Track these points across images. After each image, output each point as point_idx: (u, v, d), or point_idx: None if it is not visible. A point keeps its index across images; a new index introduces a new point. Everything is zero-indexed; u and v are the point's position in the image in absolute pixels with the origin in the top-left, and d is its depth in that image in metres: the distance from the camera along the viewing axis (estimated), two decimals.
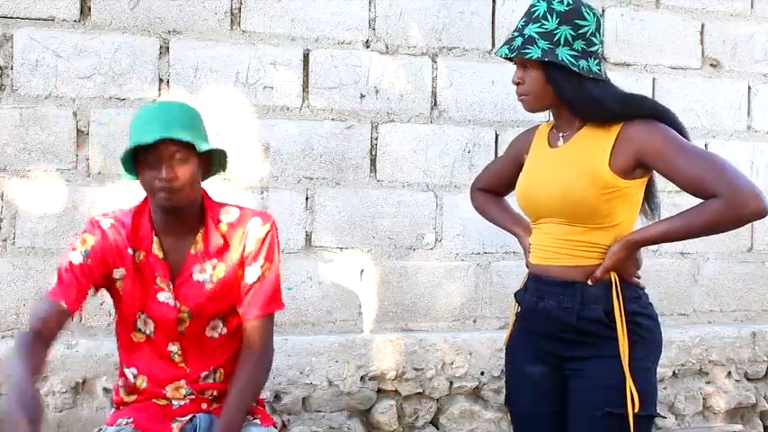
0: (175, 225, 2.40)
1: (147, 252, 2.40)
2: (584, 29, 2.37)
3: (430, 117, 3.94)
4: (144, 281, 2.40)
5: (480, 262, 3.99)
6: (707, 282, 4.34)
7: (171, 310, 2.40)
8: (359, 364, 3.74)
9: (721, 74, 4.37)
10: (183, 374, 2.47)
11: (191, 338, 2.45)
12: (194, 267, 2.41)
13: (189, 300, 2.41)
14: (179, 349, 2.45)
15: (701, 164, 2.23)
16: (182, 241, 2.42)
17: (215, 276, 2.42)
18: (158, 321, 2.42)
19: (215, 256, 2.42)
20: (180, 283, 2.41)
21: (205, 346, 2.48)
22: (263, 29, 3.73)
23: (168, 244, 2.41)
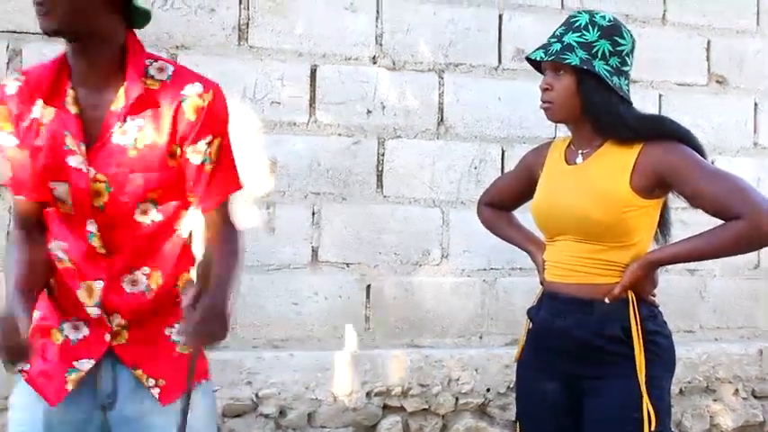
0: (91, 74, 1.93)
1: (60, 107, 1.92)
2: (622, 47, 2.36)
3: (436, 133, 3.91)
4: (54, 142, 1.92)
5: (486, 278, 3.96)
6: (714, 298, 4.29)
7: (82, 177, 1.91)
8: (364, 379, 3.70)
9: (727, 90, 4.34)
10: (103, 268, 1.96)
11: (113, 219, 1.95)
12: (113, 128, 1.92)
13: (105, 166, 1.91)
14: (97, 230, 1.94)
15: (723, 185, 2.21)
16: (102, 96, 1.94)
17: (140, 141, 1.92)
18: (74, 192, 1.92)
19: (139, 116, 1.93)
20: (97, 146, 1.92)
21: (134, 234, 1.97)
22: (270, 44, 3.71)
23: (85, 99, 1.93)
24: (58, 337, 1.98)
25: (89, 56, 1.92)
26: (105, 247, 1.96)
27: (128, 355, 1.98)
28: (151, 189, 1.96)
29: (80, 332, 1.98)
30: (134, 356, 1.99)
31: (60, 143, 1.91)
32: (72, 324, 1.99)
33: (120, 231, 1.96)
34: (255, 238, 3.65)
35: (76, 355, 1.96)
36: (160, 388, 2.00)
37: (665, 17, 4.24)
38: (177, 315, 2.01)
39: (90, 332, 1.98)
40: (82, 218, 1.94)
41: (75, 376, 1.95)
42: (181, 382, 1.97)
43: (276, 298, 3.70)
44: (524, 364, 2.55)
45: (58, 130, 1.91)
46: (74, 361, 1.95)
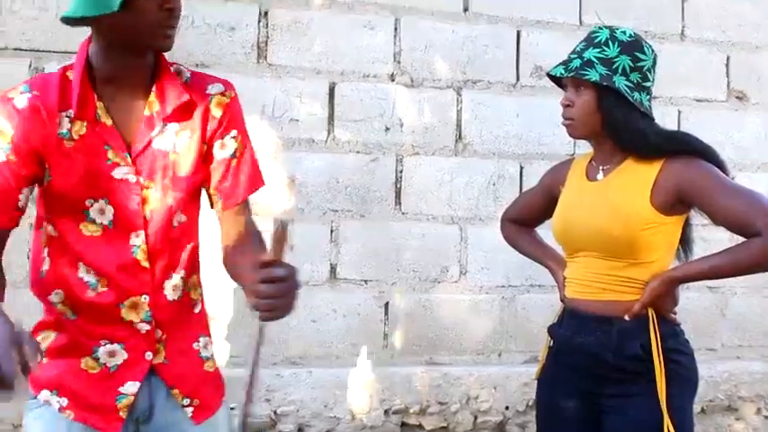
0: (126, 81, 1.89)
1: (92, 122, 1.85)
2: (643, 62, 2.35)
3: (455, 150, 3.91)
4: (92, 157, 1.85)
5: (505, 295, 3.94)
6: (735, 316, 4.25)
7: (131, 187, 1.87)
8: (383, 397, 3.69)
9: (747, 106, 4.32)
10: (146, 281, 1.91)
11: (156, 227, 1.91)
12: (152, 133, 1.89)
13: (152, 173, 1.89)
14: (143, 242, 1.90)
15: (743, 201, 2.19)
16: (132, 103, 1.90)
17: (178, 145, 1.91)
18: (119, 206, 1.88)
19: (175, 120, 1.91)
20: (138, 153, 1.88)
21: (168, 239, 1.94)
22: (289, 62, 3.72)
23: (115, 107, 1.88)
24: (93, 366, 1.91)
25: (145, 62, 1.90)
26: (149, 259, 1.92)
27: (167, 375, 1.96)
28: (190, 192, 1.96)
29: (118, 357, 1.92)
30: (172, 375, 1.97)
31: (102, 158, 1.86)
32: (106, 350, 1.92)
33: (160, 239, 1.93)
34: None
35: (120, 380, 1.91)
36: (194, 407, 1.99)
37: (684, 33, 4.23)
38: (200, 327, 2.06)
39: (129, 355, 1.92)
40: (126, 232, 1.90)
41: (125, 402, 1.90)
42: (211, 402, 2.02)
43: (294, 315, 3.68)
44: (545, 381, 2.53)
45: (95, 144, 1.86)
46: (119, 387, 1.90)
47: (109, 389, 1.90)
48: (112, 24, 1.79)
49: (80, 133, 1.85)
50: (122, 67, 1.88)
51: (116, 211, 1.88)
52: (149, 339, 1.93)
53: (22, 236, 2.06)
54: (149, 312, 1.92)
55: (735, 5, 4.30)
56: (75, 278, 1.91)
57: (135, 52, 1.86)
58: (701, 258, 2.29)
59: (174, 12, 1.81)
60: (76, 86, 1.85)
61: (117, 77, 1.88)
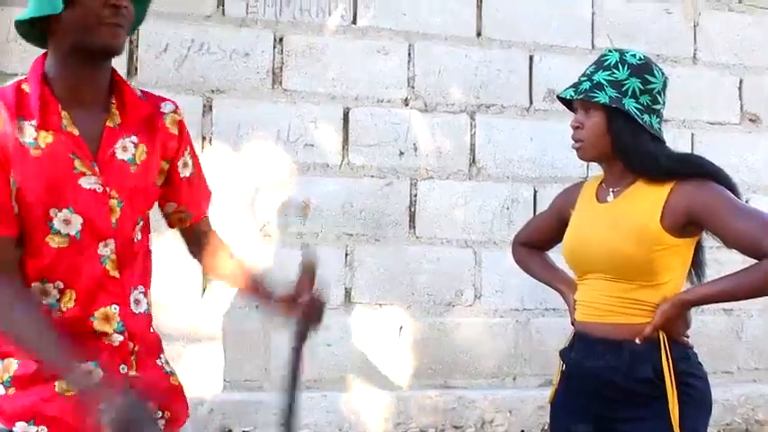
0: (88, 92, 1.88)
1: (58, 131, 1.82)
2: (652, 85, 2.34)
3: (468, 174, 3.92)
4: (58, 166, 1.81)
5: (519, 318, 3.93)
6: (751, 339, 4.22)
7: (100, 197, 1.85)
8: (398, 421, 3.67)
9: (761, 128, 4.30)
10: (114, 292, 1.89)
11: (122, 237, 1.90)
12: (116, 144, 1.89)
13: (116, 183, 1.87)
14: (112, 251, 1.87)
15: (756, 224, 2.17)
16: (92, 113, 1.89)
17: (138, 158, 1.91)
18: (87, 215, 1.84)
19: (135, 133, 1.92)
20: (103, 163, 1.86)
21: (131, 251, 1.93)
22: (303, 88, 3.74)
23: (78, 118, 1.86)
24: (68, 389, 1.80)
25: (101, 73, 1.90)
26: (118, 269, 1.90)
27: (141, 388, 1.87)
28: (147, 205, 1.98)
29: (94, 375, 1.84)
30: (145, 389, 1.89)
31: (68, 167, 1.83)
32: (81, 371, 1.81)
33: (126, 250, 1.92)
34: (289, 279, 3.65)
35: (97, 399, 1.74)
36: (165, 420, 1.97)
37: (696, 56, 4.23)
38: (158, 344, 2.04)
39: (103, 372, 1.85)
40: (94, 241, 1.86)
41: None
42: (180, 414, 2.02)
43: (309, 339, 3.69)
44: (558, 406, 2.52)
45: (62, 153, 1.83)
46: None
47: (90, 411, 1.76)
48: (61, 27, 1.80)
49: (47, 141, 1.82)
50: (79, 77, 1.86)
51: (84, 220, 1.84)
52: (123, 351, 1.90)
53: None
54: (122, 323, 1.89)
55: (746, 30, 4.30)
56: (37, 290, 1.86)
57: (87, 57, 1.83)
58: (713, 281, 2.27)
59: (120, 9, 1.78)
60: (36, 96, 1.82)
61: (75, 87, 1.87)
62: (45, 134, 1.82)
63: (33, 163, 1.80)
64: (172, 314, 3.47)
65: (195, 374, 3.52)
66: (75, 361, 1.73)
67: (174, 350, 3.46)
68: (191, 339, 3.53)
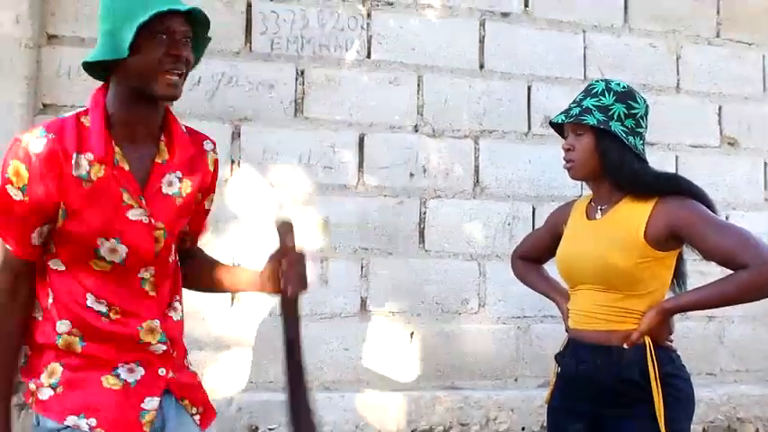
0: (141, 130, 1.88)
1: (110, 165, 1.81)
2: (636, 110, 2.35)
3: (473, 193, 3.91)
4: (108, 199, 1.82)
5: (520, 325, 3.92)
6: (732, 343, 4.19)
7: (146, 228, 1.86)
8: (409, 419, 3.66)
9: (739, 151, 4.29)
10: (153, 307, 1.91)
11: (161, 262, 1.92)
12: (163, 179, 1.89)
13: (162, 215, 1.89)
14: (152, 275, 1.90)
15: (731, 237, 2.18)
16: (143, 149, 1.88)
17: (183, 191, 1.93)
18: (132, 245, 1.85)
19: (180, 169, 1.92)
20: (150, 196, 1.87)
21: (168, 271, 1.97)
22: (323, 115, 3.75)
23: (130, 153, 1.85)
24: (114, 383, 1.86)
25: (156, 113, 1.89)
26: (155, 290, 1.92)
27: (177, 388, 1.95)
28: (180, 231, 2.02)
29: (137, 372, 1.89)
30: (181, 389, 1.96)
31: (118, 200, 1.83)
32: (126, 368, 1.89)
33: (162, 272, 1.94)
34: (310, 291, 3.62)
35: (141, 395, 1.87)
36: (200, 415, 1.99)
37: (679, 85, 4.22)
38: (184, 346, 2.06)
39: (145, 371, 1.90)
40: (135, 268, 1.88)
41: (148, 417, 1.87)
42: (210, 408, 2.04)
43: (328, 344, 3.70)
44: (554, 406, 2.52)
45: (112, 186, 1.82)
46: (141, 403, 1.87)
47: (132, 405, 1.86)
48: (125, 69, 1.79)
49: (98, 175, 1.81)
50: (136, 115, 1.86)
51: (130, 249, 1.85)
52: (164, 358, 1.92)
53: None
54: (164, 334, 1.92)
55: (724, 62, 4.30)
56: (84, 308, 1.86)
57: (146, 99, 1.83)
58: (694, 290, 2.27)
59: (180, 58, 1.79)
60: (96, 131, 1.81)
61: (131, 124, 1.86)
62: (98, 167, 1.81)
63: (85, 194, 1.80)
64: (204, 322, 3.48)
65: (225, 377, 3.52)
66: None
67: (205, 355, 3.47)
68: (221, 345, 3.54)
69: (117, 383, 1.86)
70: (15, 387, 1.89)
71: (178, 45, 1.78)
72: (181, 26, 1.79)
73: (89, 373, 1.86)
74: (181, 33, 1.80)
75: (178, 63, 1.79)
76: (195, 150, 1.98)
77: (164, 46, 1.77)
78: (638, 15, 4.19)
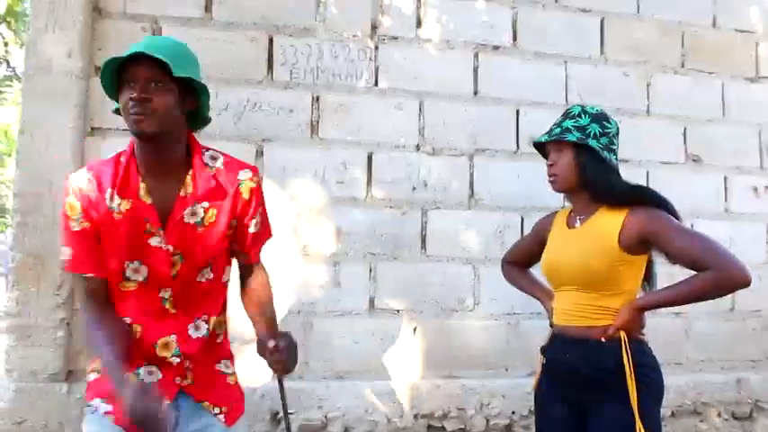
0: (160, 166, 1.92)
1: (135, 198, 1.89)
2: (609, 129, 2.38)
3: (468, 205, 3.92)
4: (134, 228, 1.90)
5: (511, 321, 3.92)
6: (697, 336, 4.20)
7: (163, 253, 1.91)
8: (412, 404, 3.67)
9: (702, 167, 4.29)
10: (172, 324, 1.97)
11: (182, 283, 1.95)
12: (185, 210, 1.92)
13: (180, 242, 1.92)
14: (170, 295, 1.95)
15: (694, 243, 2.19)
16: (168, 183, 1.92)
17: (207, 220, 1.94)
18: (152, 267, 1.92)
19: (206, 199, 1.94)
20: (171, 226, 1.91)
21: (194, 292, 1.99)
22: (335, 136, 3.76)
23: (155, 187, 1.91)
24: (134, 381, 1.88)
25: (163, 152, 1.91)
26: (175, 307, 1.97)
27: (196, 393, 2.00)
28: (211, 256, 1.98)
29: (154, 376, 1.97)
30: (200, 392, 2.00)
31: (141, 228, 1.90)
32: (146, 369, 1.97)
33: (185, 292, 1.98)
34: (325, 291, 3.68)
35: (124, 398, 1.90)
36: (224, 414, 2.02)
37: (649, 110, 4.23)
38: (222, 353, 2.10)
39: (163, 376, 1.97)
40: (156, 287, 1.94)
41: None
42: (237, 408, 2.07)
43: (341, 338, 3.71)
44: (539, 393, 2.53)
45: (137, 217, 1.90)
46: None
47: None
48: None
49: (126, 208, 1.89)
50: (146, 153, 1.91)
51: (150, 270, 1.92)
52: (179, 369, 1.98)
53: None
54: (178, 349, 1.97)
55: (689, 88, 4.31)
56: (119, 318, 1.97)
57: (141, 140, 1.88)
58: (663, 289, 2.29)
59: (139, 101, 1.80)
60: (123, 171, 1.90)
61: (148, 162, 1.92)
62: (126, 201, 1.89)
63: (115, 224, 1.89)
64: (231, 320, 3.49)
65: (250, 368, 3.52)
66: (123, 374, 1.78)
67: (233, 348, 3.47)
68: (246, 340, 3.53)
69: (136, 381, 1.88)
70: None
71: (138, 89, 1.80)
72: (143, 71, 1.81)
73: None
74: (142, 78, 1.82)
75: (138, 105, 1.81)
76: (225, 181, 1.98)
77: (127, 91, 1.82)
78: (613, 48, 4.20)
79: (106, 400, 1.94)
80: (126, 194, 1.90)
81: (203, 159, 1.97)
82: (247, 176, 2.02)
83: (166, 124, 1.86)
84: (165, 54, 1.81)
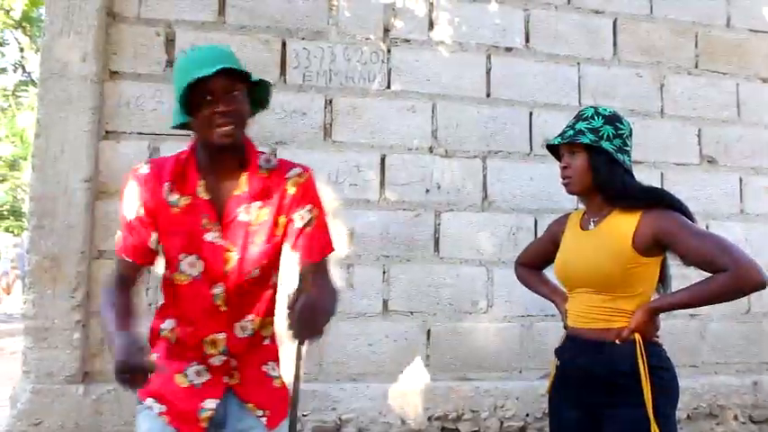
0: (221, 167, 1.97)
1: (193, 195, 1.95)
2: (622, 131, 2.36)
3: (482, 206, 3.92)
4: (191, 223, 1.95)
5: (524, 323, 3.92)
6: (713, 339, 4.18)
7: (219, 249, 1.95)
8: (426, 406, 3.67)
9: (717, 168, 4.28)
10: (222, 322, 2.00)
11: (234, 281, 1.98)
12: (239, 209, 1.96)
13: (234, 239, 1.96)
14: (222, 291, 1.97)
15: (709, 244, 2.17)
16: (225, 183, 1.97)
17: (259, 218, 1.98)
18: (207, 262, 1.96)
19: (259, 199, 1.98)
20: (226, 223, 1.96)
21: (244, 291, 2.01)
22: (348, 139, 3.78)
23: (213, 186, 1.97)
24: (183, 382, 2.00)
25: (230, 153, 1.95)
26: (226, 305, 2.00)
27: (242, 393, 2.02)
28: (262, 255, 2.00)
29: (202, 377, 2.01)
30: (246, 393, 2.02)
31: (198, 223, 1.95)
32: (194, 370, 2.01)
33: (237, 290, 2.00)
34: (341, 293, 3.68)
35: (203, 396, 1.99)
36: (267, 417, 2.03)
37: (663, 111, 4.22)
38: (269, 355, 2.10)
39: (211, 376, 2.01)
40: (209, 283, 1.97)
41: (206, 415, 1.97)
42: (280, 410, 2.06)
43: (355, 340, 3.71)
44: (553, 395, 2.50)
45: (195, 213, 1.96)
46: (201, 402, 1.98)
47: (194, 403, 1.98)
48: (193, 127, 1.92)
49: (186, 203, 1.96)
50: (211, 158, 1.97)
51: (205, 265, 1.97)
52: (226, 367, 2.01)
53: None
54: (225, 348, 2.00)
55: (702, 89, 4.29)
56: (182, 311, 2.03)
57: (211, 147, 1.93)
58: (676, 292, 2.26)
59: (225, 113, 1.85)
60: (182, 168, 1.97)
61: (210, 165, 1.97)
62: (185, 198, 1.96)
63: (173, 218, 1.96)
64: None
65: None
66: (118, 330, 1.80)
67: None
68: None
69: (185, 382, 2.00)
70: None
71: (221, 102, 1.85)
72: (221, 83, 1.85)
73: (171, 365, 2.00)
74: (222, 90, 1.86)
75: (224, 117, 1.86)
76: (274, 181, 2.01)
77: (209, 106, 1.86)
78: (626, 49, 4.20)
79: (158, 400, 2.00)
80: (185, 191, 1.96)
81: (258, 161, 2.01)
82: (295, 173, 2.04)
83: (244, 131, 1.95)
84: (235, 64, 1.88)
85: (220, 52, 1.91)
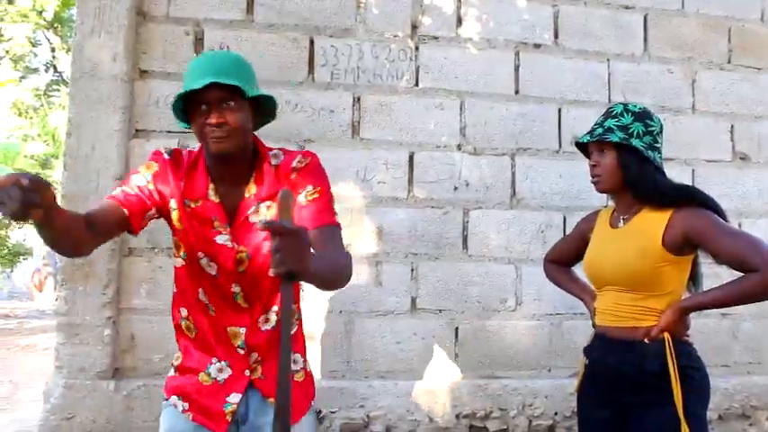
0: (228, 172, 1.98)
1: (204, 198, 1.98)
2: (652, 128, 2.34)
3: (510, 204, 3.91)
4: (202, 224, 1.98)
5: (553, 321, 3.90)
6: (745, 338, 4.12)
7: (229, 251, 1.97)
8: (454, 404, 3.67)
9: (749, 165, 4.22)
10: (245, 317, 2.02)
11: (251, 281, 2.00)
12: (249, 211, 1.98)
13: (246, 241, 1.98)
14: (241, 290, 2.01)
15: (742, 243, 2.14)
16: (236, 186, 1.99)
17: (269, 216, 1.98)
18: (220, 264, 1.99)
19: (268, 199, 1.98)
20: (237, 225, 1.97)
21: (265, 288, 2.02)
22: (376, 137, 3.78)
23: (223, 189, 1.99)
24: (206, 379, 2.03)
25: (231, 161, 1.97)
26: (246, 302, 2.03)
27: (264, 387, 2.04)
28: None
29: (225, 372, 2.03)
30: (268, 388, 2.03)
31: (209, 225, 1.98)
32: (216, 367, 2.04)
33: (256, 288, 2.03)
34: (367, 291, 3.70)
35: (227, 391, 2.02)
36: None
37: (695, 107, 4.17)
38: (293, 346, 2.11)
39: (233, 371, 2.03)
40: (228, 282, 2.01)
41: (230, 409, 2.01)
42: (301, 406, 2.08)
43: (383, 338, 3.72)
44: (582, 394, 2.50)
45: (206, 215, 1.98)
46: (226, 396, 2.01)
47: (218, 398, 2.01)
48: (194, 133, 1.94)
49: (197, 204, 1.99)
50: (216, 163, 1.98)
51: (219, 266, 2.00)
52: (246, 361, 2.03)
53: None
54: (244, 342, 2.02)
55: (735, 85, 4.24)
56: (195, 299, 2.05)
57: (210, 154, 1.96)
58: (707, 291, 2.24)
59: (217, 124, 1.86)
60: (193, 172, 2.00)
61: (217, 169, 2.00)
62: (196, 201, 1.99)
63: (186, 215, 1.99)
64: None
65: None
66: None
67: None
68: None
69: (208, 380, 2.03)
70: None
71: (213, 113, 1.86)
72: (215, 94, 1.86)
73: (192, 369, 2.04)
74: (216, 101, 1.87)
75: (216, 128, 1.87)
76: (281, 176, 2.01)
77: (202, 116, 1.89)
78: (657, 44, 4.15)
79: (183, 398, 2.05)
80: (195, 195, 1.99)
81: (270, 161, 2.02)
82: (297, 161, 2.03)
83: (244, 140, 1.94)
84: (233, 74, 1.87)
85: (221, 62, 1.90)
